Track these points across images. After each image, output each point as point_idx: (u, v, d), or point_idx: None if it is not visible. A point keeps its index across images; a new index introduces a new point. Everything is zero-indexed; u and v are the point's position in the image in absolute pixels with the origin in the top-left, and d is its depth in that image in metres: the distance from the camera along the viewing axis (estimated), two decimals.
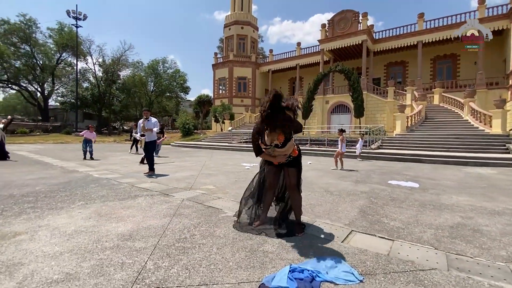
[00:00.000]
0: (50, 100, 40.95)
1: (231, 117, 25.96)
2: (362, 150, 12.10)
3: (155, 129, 6.02)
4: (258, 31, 35.18)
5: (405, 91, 20.25)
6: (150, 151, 6.10)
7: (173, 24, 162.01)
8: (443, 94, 19.13)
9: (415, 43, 21.71)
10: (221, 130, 26.20)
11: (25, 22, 34.24)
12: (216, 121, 27.36)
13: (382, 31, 23.66)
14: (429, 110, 17.76)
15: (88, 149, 9.58)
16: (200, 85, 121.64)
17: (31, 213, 2.94)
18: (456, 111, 16.93)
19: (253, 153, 2.60)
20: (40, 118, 38.15)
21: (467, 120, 14.96)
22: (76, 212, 3.00)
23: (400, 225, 2.78)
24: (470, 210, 3.40)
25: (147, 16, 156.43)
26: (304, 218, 2.81)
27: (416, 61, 22.37)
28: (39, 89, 38.06)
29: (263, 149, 2.47)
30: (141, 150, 11.34)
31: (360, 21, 22.37)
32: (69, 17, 30.76)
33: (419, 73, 21.45)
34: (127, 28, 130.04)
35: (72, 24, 31.68)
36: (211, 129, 30.75)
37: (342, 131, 7.64)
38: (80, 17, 31.21)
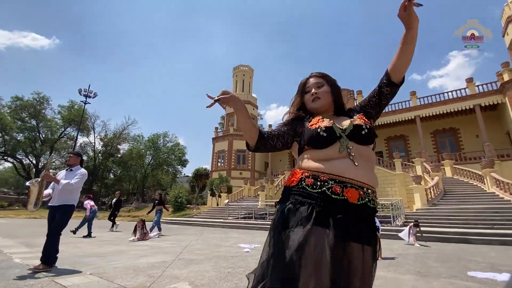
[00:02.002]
0: (42, 173, 39.63)
1: (229, 190, 24.05)
2: (386, 228, 10.01)
3: (66, 182, 3.36)
4: (257, 109, 37.09)
5: (413, 163, 19.22)
6: (59, 225, 3.38)
7: (179, 104, 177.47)
8: (454, 166, 18.01)
9: (413, 117, 22.03)
10: (217, 204, 23.84)
11: (38, 99, 36.25)
12: (212, 194, 25.30)
13: None
14: (445, 183, 16.21)
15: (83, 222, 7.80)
16: (199, 163, 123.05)
17: None
18: (475, 183, 15.42)
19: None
20: (26, 191, 36.00)
21: (494, 192, 13.26)
22: None
23: None
24: None
25: (155, 97, 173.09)
26: None
27: (416, 135, 22.24)
28: (34, 161, 37.27)
29: (319, 132, 1.00)
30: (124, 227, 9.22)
31: (356, 97, 23.40)
32: (80, 95, 32.53)
33: (422, 146, 20.93)
34: (133, 105, 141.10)
35: (81, 101, 33.26)
36: (206, 204, 28.33)
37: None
38: (90, 95, 33.08)
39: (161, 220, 9.58)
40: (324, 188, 0.93)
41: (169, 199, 22.95)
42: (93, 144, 38.18)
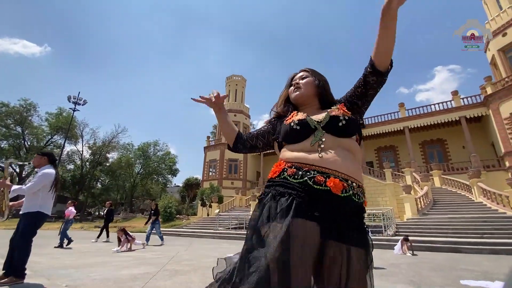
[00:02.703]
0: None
1: (220, 200, 23.66)
2: (377, 238, 9.98)
3: (18, 187, 3.07)
4: (250, 119, 37.18)
5: (403, 173, 19.45)
6: (24, 235, 2.99)
7: (171, 112, 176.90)
8: (443, 176, 18.31)
9: (402, 128, 22.48)
10: (208, 215, 23.38)
11: (25, 106, 35.33)
12: (203, 205, 24.83)
13: (369, 117, 24.93)
14: (434, 193, 16.41)
15: (61, 230, 7.40)
16: (190, 173, 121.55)
17: None
18: (463, 193, 15.67)
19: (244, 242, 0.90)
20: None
21: (481, 202, 13.47)
22: None
23: None
24: None
25: (146, 105, 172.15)
26: None
27: (405, 146, 22.63)
28: (17, 170, 35.97)
29: (292, 125, 0.99)
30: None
31: None
32: (69, 102, 31.84)
33: (411, 157, 21.27)
34: (124, 113, 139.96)
35: (70, 108, 32.53)
36: (196, 215, 27.76)
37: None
38: (80, 102, 32.43)
39: (152, 231, 9.25)
40: (306, 178, 0.86)
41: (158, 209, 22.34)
42: (81, 152, 37.18)
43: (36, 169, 3.30)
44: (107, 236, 9.82)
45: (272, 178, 0.98)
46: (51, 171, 3.23)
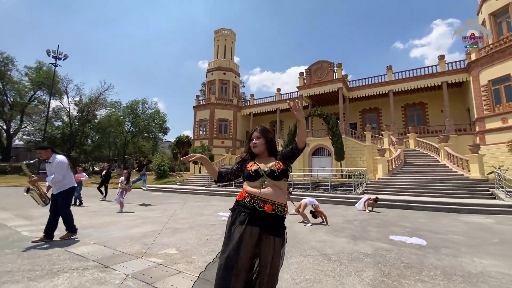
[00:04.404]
0: (15, 139, 38.19)
1: (211, 158, 24.97)
2: (346, 196, 11.47)
3: (52, 178, 3.95)
4: (239, 77, 36.56)
5: (382, 135, 20.80)
6: (63, 207, 4.14)
7: (158, 68, 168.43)
8: (417, 139, 19.79)
9: (387, 91, 23.16)
10: (200, 172, 24.91)
11: (1, 59, 33.27)
12: (195, 162, 26.07)
13: (356, 80, 25.29)
14: (407, 154, 18.00)
15: (75, 193, 8.46)
16: (181, 127, 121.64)
17: None
18: (432, 155, 17.27)
19: (234, 199, 1.81)
20: (0, 158, 34.80)
21: (445, 164, 15.13)
22: None
23: None
24: (509, 283, 2.61)
25: (131, 61, 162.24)
26: None
27: (388, 108, 23.60)
28: (4, 127, 35.50)
29: (251, 172, 1.73)
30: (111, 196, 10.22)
31: (335, 70, 23.86)
32: (49, 56, 30.17)
33: (393, 119, 22.44)
34: (110, 70, 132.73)
35: (51, 63, 30.98)
36: (189, 170, 29.32)
37: None
38: (60, 57, 30.76)
39: (145, 187, 10.59)
40: (255, 204, 1.68)
41: (153, 167, 23.54)
42: (68, 109, 36.58)
43: (46, 160, 4.13)
44: (103, 194, 11.03)
45: (238, 200, 1.74)
46: (62, 157, 4.21)
